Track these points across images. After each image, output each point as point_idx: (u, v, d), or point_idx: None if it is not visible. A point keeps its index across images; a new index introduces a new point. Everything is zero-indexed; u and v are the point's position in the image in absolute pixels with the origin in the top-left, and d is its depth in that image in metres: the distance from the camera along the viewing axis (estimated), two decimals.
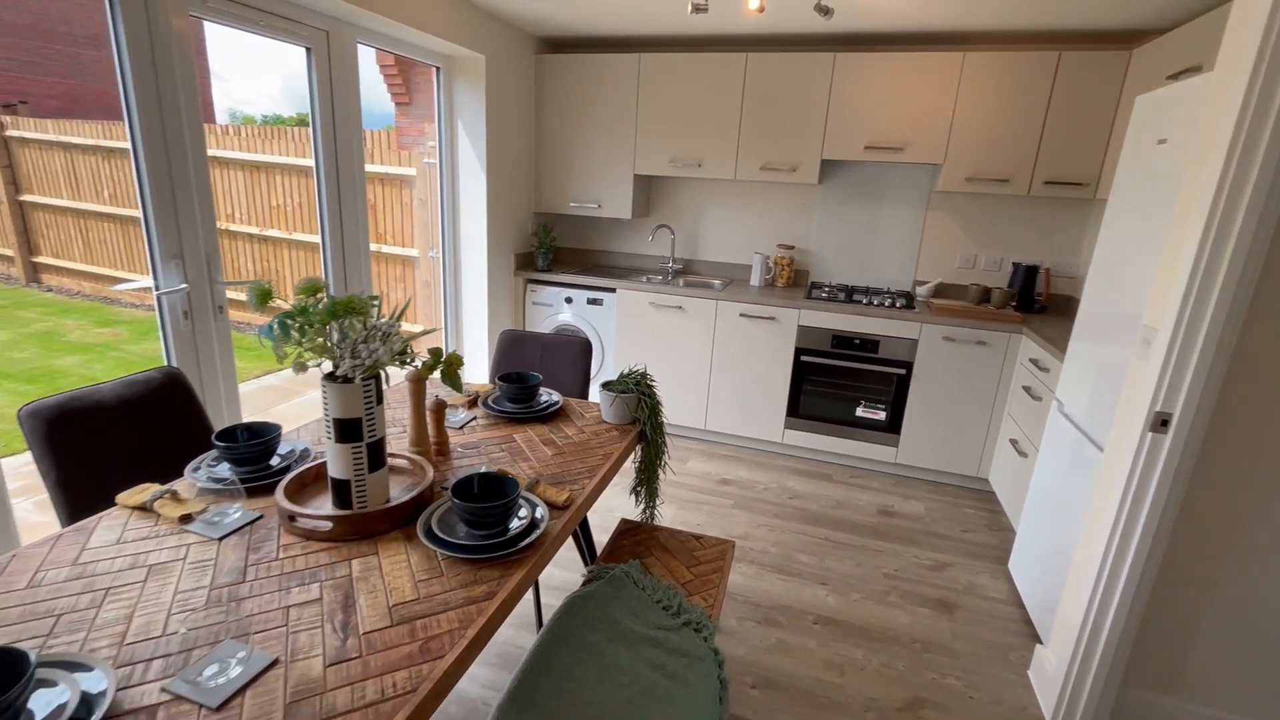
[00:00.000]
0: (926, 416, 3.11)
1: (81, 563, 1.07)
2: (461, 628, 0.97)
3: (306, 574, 1.07)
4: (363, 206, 2.68)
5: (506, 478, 1.24)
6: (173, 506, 1.21)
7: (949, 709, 1.82)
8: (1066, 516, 2.01)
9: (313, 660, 0.89)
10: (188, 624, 0.93)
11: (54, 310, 5.66)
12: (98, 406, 1.41)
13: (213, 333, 2.11)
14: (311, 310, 1.13)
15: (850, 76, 3.06)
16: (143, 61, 1.81)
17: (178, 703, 0.81)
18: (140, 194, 1.89)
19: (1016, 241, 3.30)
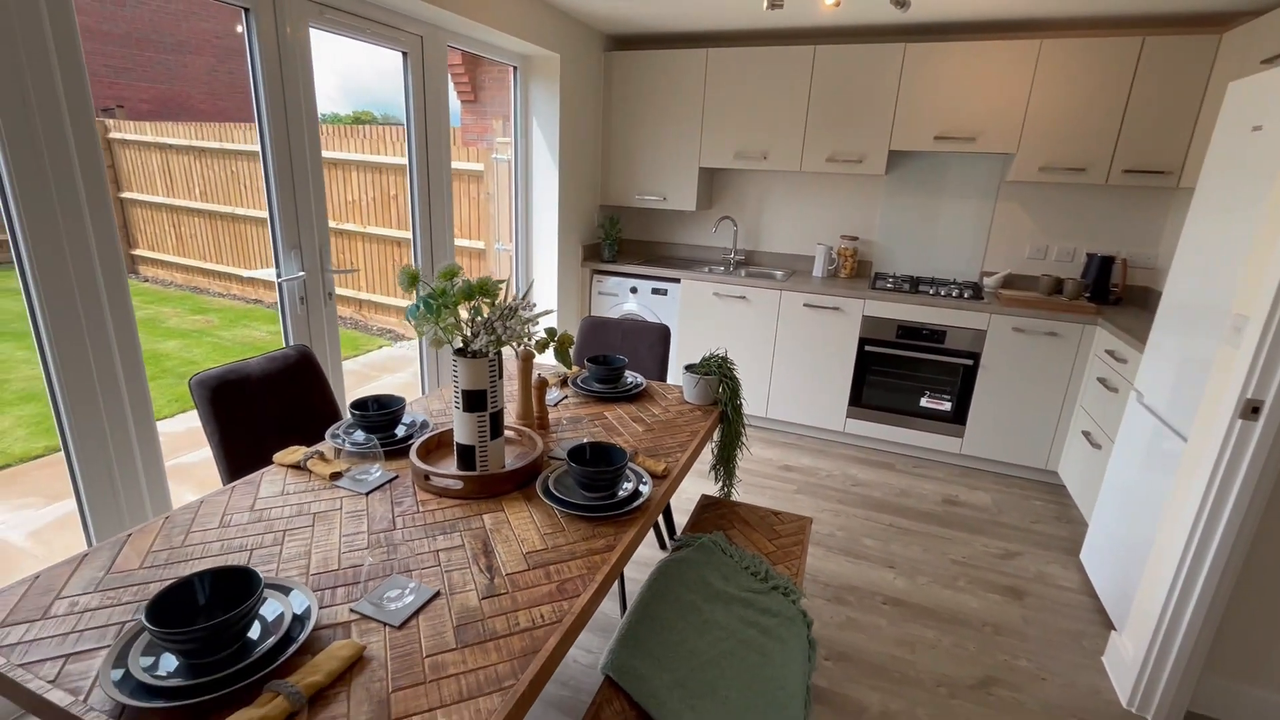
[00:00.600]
0: (993, 408, 3.10)
1: (257, 509, 1.24)
2: (590, 573, 1.09)
3: (446, 525, 1.21)
4: (449, 201, 2.85)
5: (615, 447, 1.35)
6: (322, 465, 1.38)
7: (1022, 688, 1.86)
8: (1144, 507, 2.01)
9: (468, 594, 1.02)
10: (371, 557, 1.08)
11: (152, 299, 6.12)
12: (247, 378, 1.60)
13: (323, 317, 2.31)
14: (449, 292, 1.27)
15: (921, 67, 3.06)
16: (271, 70, 2.00)
17: (364, 621, 0.95)
18: (267, 190, 2.09)
19: (1091, 232, 3.24)
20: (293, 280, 2.17)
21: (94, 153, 1.57)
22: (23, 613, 0.93)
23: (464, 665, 0.87)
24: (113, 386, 1.67)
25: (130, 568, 1.05)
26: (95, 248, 1.60)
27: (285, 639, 0.87)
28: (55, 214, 1.51)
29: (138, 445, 1.75)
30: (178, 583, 0.86)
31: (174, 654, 0.82)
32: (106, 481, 1.69)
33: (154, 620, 0.79)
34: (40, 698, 0.79)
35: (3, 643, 0.87)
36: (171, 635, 0.78)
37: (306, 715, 0.78)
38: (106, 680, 0.79)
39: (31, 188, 1.47)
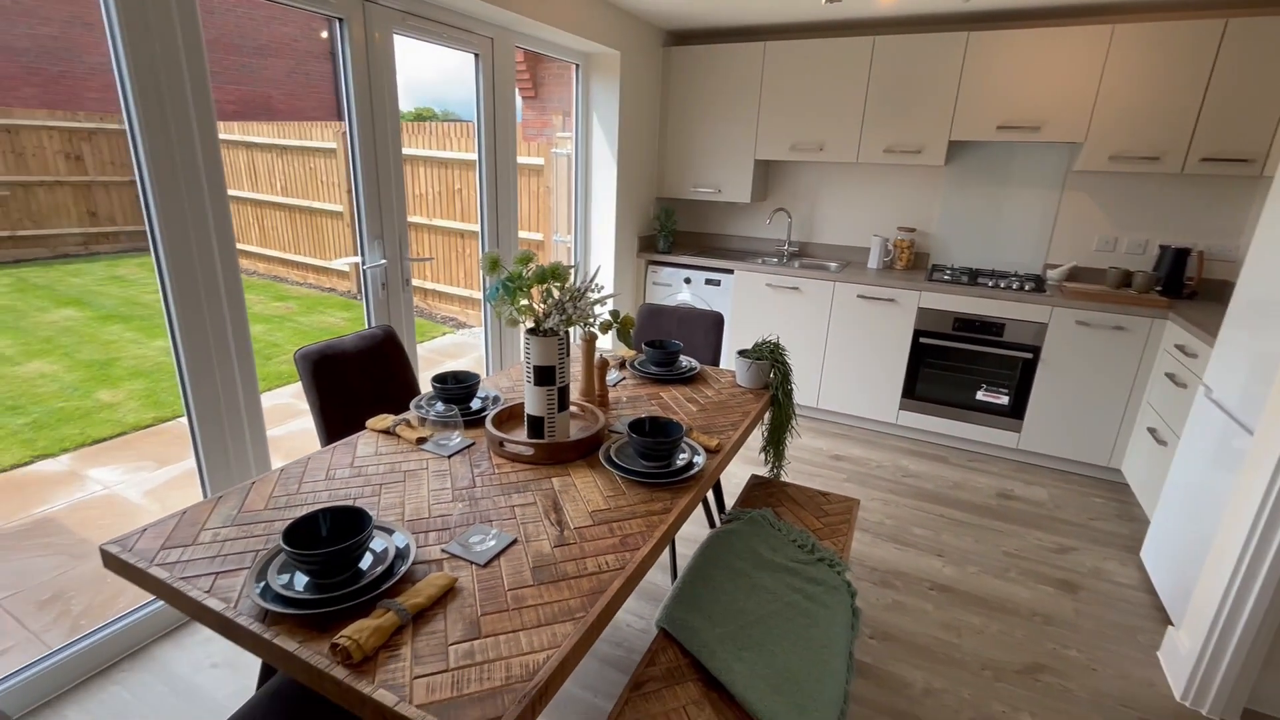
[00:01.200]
0: (1054, 402, 3.05)
1: (356, 466, 1.41)
2: (649, 530, 1.20)
3: (519, 485, 1.35)
4: (514, 195, 3.01)
5: (672, 421, 1.46)
6: (410, 431, 1.54)
7: (1070, 676, 1.87)
8: (1210, 503, 1.97)
9: (542, 543, 1.15)
10: (458, 508, 1.23)
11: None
12: (342, 353, 1.78)
13: (401, 302, 2.51)
14: (525, 275, 1.40)
15: (984, 55, 3.02)
16: (360, 74, 2.19)
17: (454, 560, 1.09)
18: (354, 184, 2.28)
19: (1165, 223, 3.12)
20: (375, 267, 2.37)
21: (215, 153, 1.78)
22: (176, 540, 1.11)
23: (540, 599, 1.00)
24: (226, 363, 1.89)
25: (257, 509, 1.22)
26: (215, 241, 1.81)
27: (390, 568, 1.01)
28: (184, 209, 1.73)
29: (245, 415, 1.97)
30: (305, 516, 1.02)
31: (303, 573, 0.98)
32: (219, 445, 1.92)
33: (289, 544, 0.95)
34: (200, 604, 0.96)
35: (164, 561, 1.05)
36: (304, 556, 0.93)
37: (411, 628, 0.92)
38: (252, 591, 0.95)
39: (166, 185, 1.68)
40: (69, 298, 5.67)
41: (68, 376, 4.12)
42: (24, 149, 6.81)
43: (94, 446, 3.30)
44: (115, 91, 1.60)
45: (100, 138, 7.31)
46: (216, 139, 1.78)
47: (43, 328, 4.91)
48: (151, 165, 1.65)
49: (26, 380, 4.02)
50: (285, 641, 0.89)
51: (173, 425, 3.57)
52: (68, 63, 8.22)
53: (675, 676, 1.22)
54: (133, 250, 7.59)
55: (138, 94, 1.60)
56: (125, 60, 1.58)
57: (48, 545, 2.47)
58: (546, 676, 0.85)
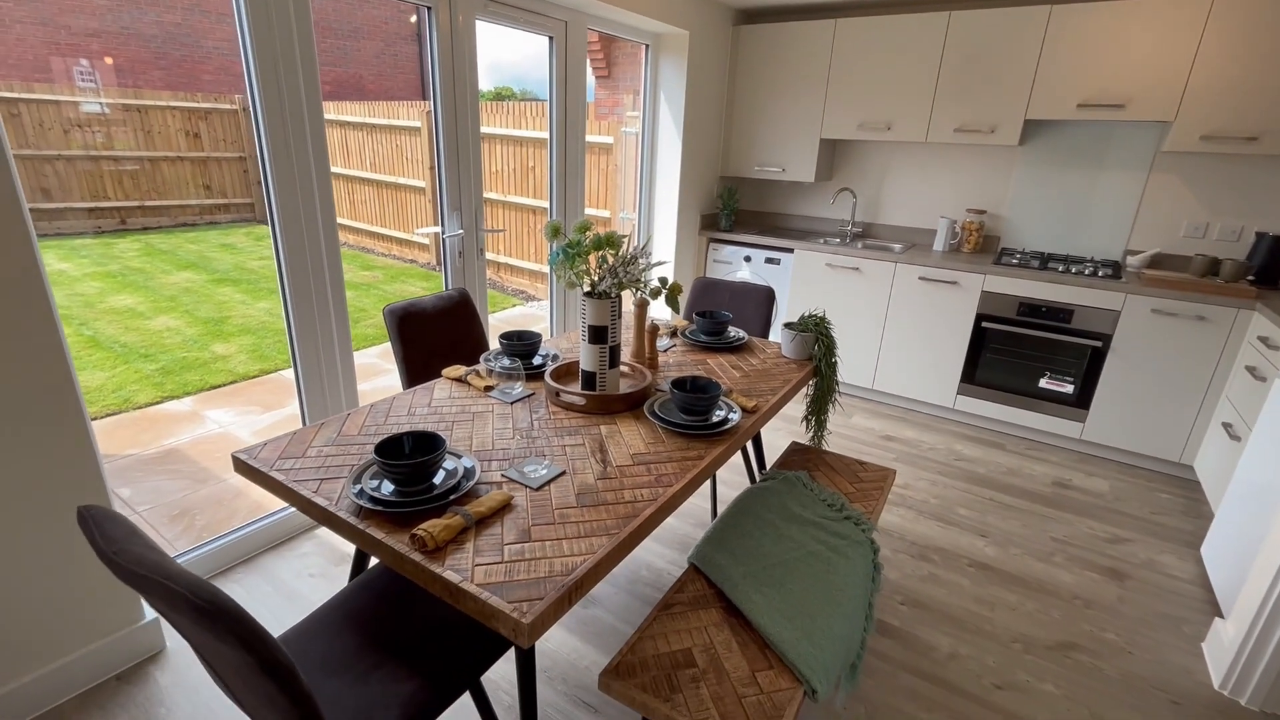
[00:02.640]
0: (1123, 393, 2.95)
1: (433, 406, 1.61)
2: (681, 472, 1.34)
3: (571, 429, 1.51)
4: (582, 173, 3.17)
5: (712, 381, 1.59)
6: (479, 380, 1.74)
7: (1102, 657, 1.88)
8: (1272, 499, 1.91)
9: (587, 475, 1.31)
10: (515, 444, 1.41)
11: None
12: (423, 311, 2.00)
13: (475, 269, 2.73)
14: (584, 242, 1.55)
15: (1066, 29, 2.90)
16: (445, 58, 2.39)
17: (511, 484, 1.27)
18: (436, 159, 2.50)
19: (1263, 208, 2.93)
20: (454, 236, 2.59)
21: (320, 131, 2.02)
22: (290, 453, 1.35)
23: (582, 518, 1.16)
24: (326, 321, 2.15)
25: (352, 434, 1.44)
26: (319, 212, 2.06)
27: (459, 484, 1.20)
28: (295, 184, 1.98)
29: (340, 367, 2.23)
30: (392, 436, 1.22)
31: (390, 481, 1.18)
32: (319, 391, 2.19)
33: (380, 456, 1.15)
34: (309, 500, 1.18)
35: (281, 468, 1.28)
36: (392, 466, 1.13)
37: (474, 531, 1.10)
38: (350, 492, 1.16)
39: (281, 160, 1.94)
40: (188, 262, 6.33)
41: (189, 330, 4.66)
42: (151, 127, 7.57)
43: (211, 391, 3.75)
44: (229, 74, 1.86)
45: (215, 117, 8.02)
46: (322, 118, 2.02)
47: (167, 287, 5.53)
48: (270, 141, 1.90)
49: (155, 332, 4.58)
50: (375, 531, 1.09)
51: (275, 377, 4.00)
52: (189, 47, 9.01)
53: (700, 603, 1.36)
54: (240, 221, 8.32)
55: (260, 76, 1.85)
56: (251, 46, 1.82)
57: (176, 471, 2.87)
58: (582, 574, 1.01)
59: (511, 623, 0.92)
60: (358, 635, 1.24)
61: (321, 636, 1.24)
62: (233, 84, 9.94)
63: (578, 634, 1.88)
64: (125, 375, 3.88)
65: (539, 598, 0.95)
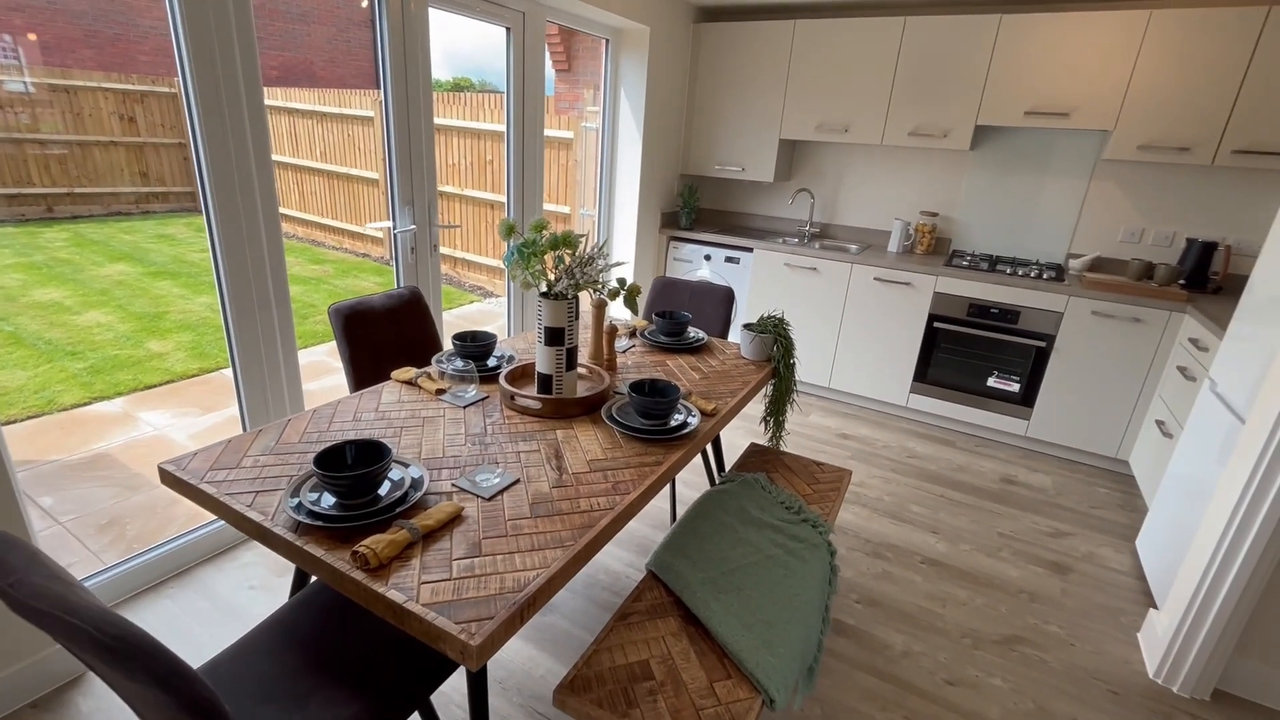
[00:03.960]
0: (1065, 392, 3.06)
1: (380, 411, 1.54)
2: (639, 479, 1.31)
3: (526, 435, 1.47)
4: (541, 167, 3.10)
5: (671, 384, 1.56)
6: (430, 383, 1.67)
7: (1046, 649, 1.95)
8: (1204, 495, 2.01)
9: (541, 484, 1.27)
10: (467, 451, 1.36)
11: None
12: (370, 310, 1.92)
13: (429, 266, 2.64)
14: (539, 241, 1.50)
15: (1015, 38, 2.98)
16: (396, 44, 2.30)
17: (462, 494, 1.22)
18: (387, 151, 2.41)
19: (1194, 215, 3.08)
20: (405, 232, 2.50)
21: (262, 118, 1.91)
22: (223, 463, 1.26)
23: (535, 529, 1.12)
24: (268, 316, 2.05)
25: (292, 441, 1.37)
26: (259, 201, 1.95)
27: (405, 495, 1.15)
28: (233, 172, 1.87)
29: (283, 366, 2.13)
30: (334, 446, 1.15)
31: (331, 493, 1.12)
32: (259, 391, 2.09)
33: (320, 468, 1.09)
34: (242, 515, 1.11)
35: (213, 480, 1.20)
36: (333, 478, 1.07)
37: (421, 545, 1.05)
38: (287, 506, 1.09)
39: (217, 147, 1.82)
40: (122, 253, 5.98)
41: (121, 326, 4.39)
42: (81, 109, 7.11)
43: (145, 392, 3.54)
44: (167, 55, 1.74)
45: (152, 100, 7.59)
46: (263, 103, 1.91)
47: (99, 280, 5.20)
48: (204, 127, 1.79)
49: (84, 329, 4.30)
50: (314, 548, 1.03)
51: (215, 376, 3.80)
52: (123, 25, 8.50)
53: (658, 611, 1.34)
54: (180, 210, 7.91)
55: (193, 58, 1.74)
56: (182, 25, 1.71)
57: (105, 477, 2.70)
58: (534, 590, 0.98)
59: (459, 644, 0.88)
60: (296, 656, 1.18)
61: (257, 658, 1.17)
62: (172, 65, 9.44)
63: (533, 642, 1.84)
64: (50, 375, 3.63)
65: (489, 617, 0.91)
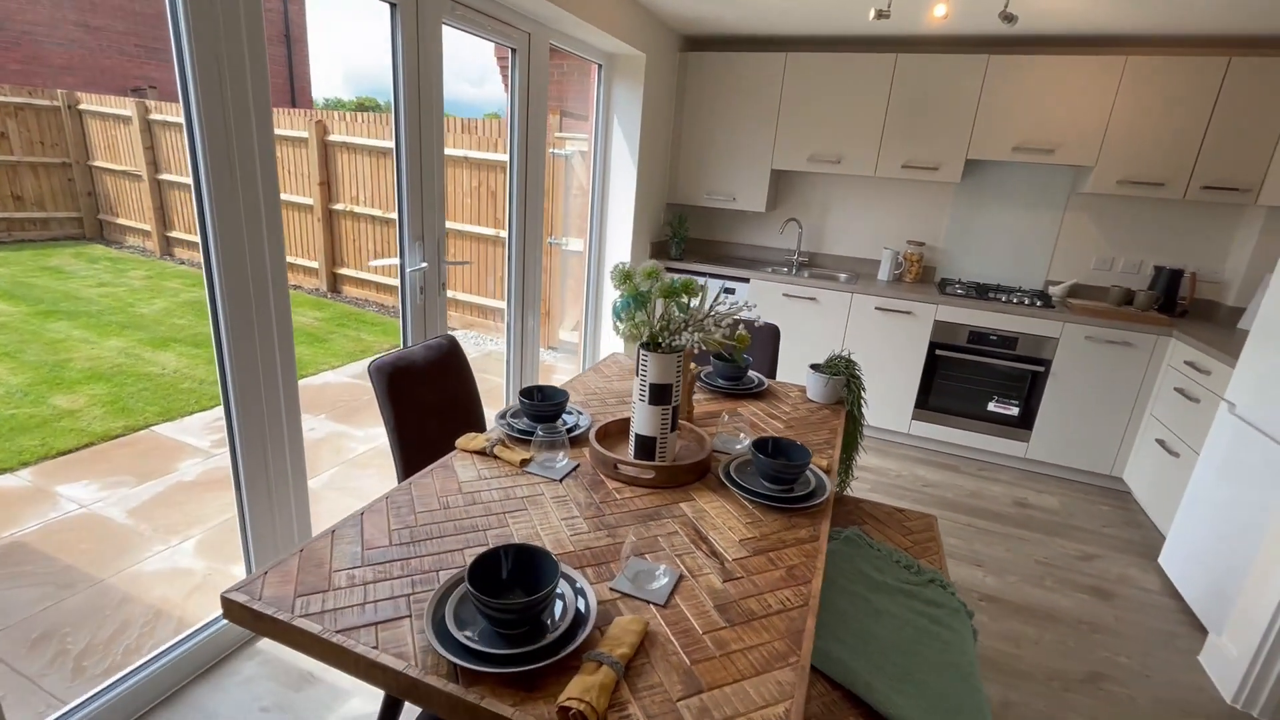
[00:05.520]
0: (1062, 414, 3.18)
1: (466, 493, 1.29)
2: (808, 560, 1.15)
3: (651, 512, 1.27)
4: (541, 195, 2.89)
5: (795, 443, 1.41)
6: (510, 452, 1.43)
7: (1129, 684, 1.93)
8: (1238, 516, 2.09)
9: (709, 577, 1.08)
10: (593, 537, 1.14)
11: (193, 282, 6.12)
12: (412, 365, 1.65)
13: (438, 307, 2.36)
14: (651, 290, 1.32)
15: (1003, 78, 3.12)
16: (410, 62, 2.05)
17: (627, 599, 1.01)
18: (398, 181, 2.13)
19: (1159, 245, 3.31)
20: (417, 270, 2.22)
21: (270, 147, 1.61)
22: (308, 584, 0.98)
23: (742, 642, 0.93)
24: (273, 383, 1.72)
25: (380, 544, 1.10)
26: (268, 249, 1.64)
27: (580, 615, 0.92)
28: (240, 213, 1.56)
29: (287, 436, 1.79)
30: (485, 555, 0.91)
31: (493, 624, 0.88)
32: (262, 470, 1.74)
33: (480, 591, 0.85)
34: (372, 662, 0.85)
35: (308, 611, 0.93)
36: (500, 608, 0.84)
37: (625, 683, 0.84)
38: (436, 645, 0.84)
39: (224, 187, 1.51)
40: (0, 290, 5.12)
41: (14, 379, 3.71)
42: None
43: (59, 459, 2.97)
44: (44, 65, 1.45)
45: (29, 114, 6.67)
46: (272, 130, 1.62)
47: None
48: (209, 158, 1.48)
49: None
50: (496, 705, 0.79)
51: (145, 435, 3.26)
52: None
53: (835, 712, 1.17)
54: (63, 239, 6.95)
55: (199, 77, 1.43)
56: (187, 40, 1.41)
57: (25, 575, 2.19)
58: None
59: None
60: None
61: None
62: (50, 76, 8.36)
63: None
64: None
65: None
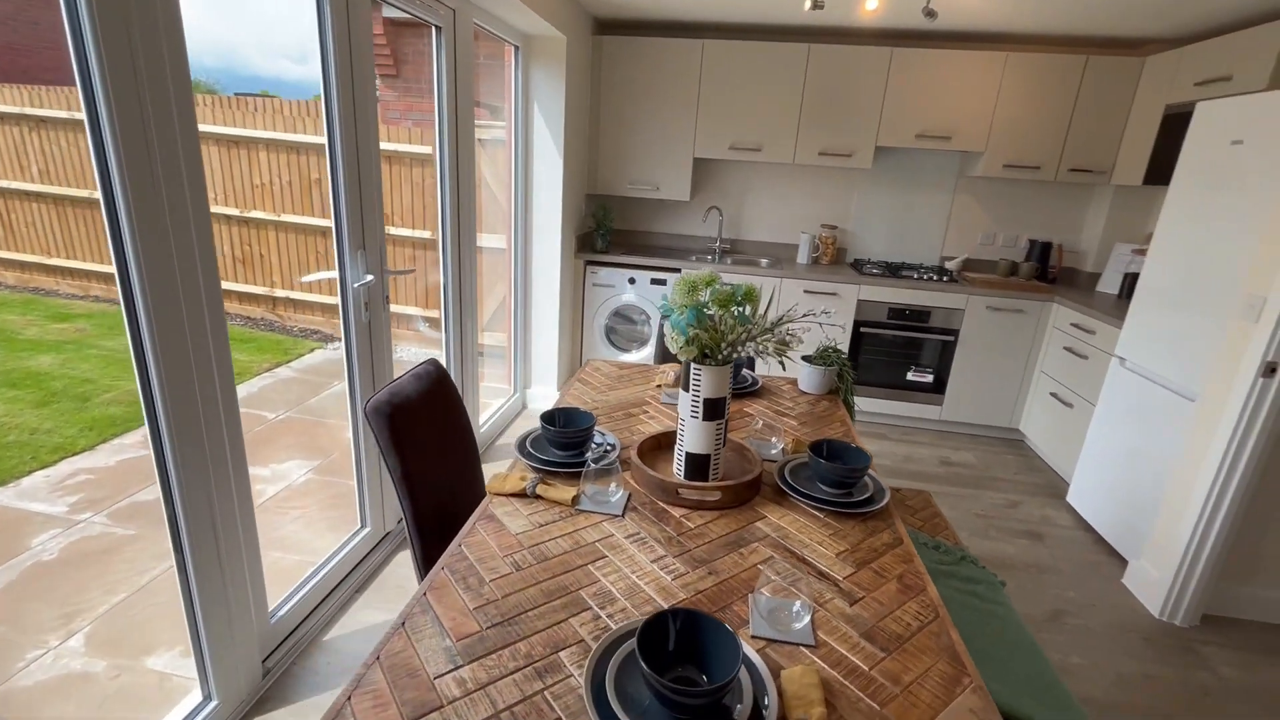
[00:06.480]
0: (969, 377, 3.52)
1: (529, 547, 1.13)
2: (908, 566, 1.14)
3: (734, 538, 1.19)
4: (473, 186, 2.64)
5: (849, 444, 1.40)
6: (557, 490, 1.28)
7: (1081, 615, 2.19)
8: (1136, 453, 2.44)
9: (833, 602, 1.03)
10: (699, 578, 1.05)
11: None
12: (408, 400, 1.41)
13: (382, 324, 2.07)
14: (710, 302, 1.23)
15: (905, 70, 3.33)
16: (342, 45, 1.74)
17: (776, 645, 0.93)
18: (334, 183, 1.82)
19: (1032, 221, 3.76)
20: (363, 285, 1.92)
21: (195, 151, 1.28)
22: (417, 703, 0.80)
23: (910, 671, 0.90)
24: (215, 421, 1.39)
25: (470, 631, 0.92)
26: (201, 272, 1.32)
27: (756, 679, 0.83)
28: (168, 230, 1.23)
29: (234, 480, 1.47)
30: (649, 625, 0.79)
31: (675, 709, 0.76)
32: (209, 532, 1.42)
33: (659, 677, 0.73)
34: None
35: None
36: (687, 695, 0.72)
37: None
38: None
39: (146, 199, 1.18)
40: None
41: None
42: None
43: None
44: None
45: None
46: (196, 129, 1.29)
47: None
48: (126, 165, 1.14)
49: None
50: None
51: None
52: None
53: None
54: None
55: (108, 63, 1.09)
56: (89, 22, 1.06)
57: None
58: None
59: None
60: None
61: None
62: None
63: None
64: None
65: None
